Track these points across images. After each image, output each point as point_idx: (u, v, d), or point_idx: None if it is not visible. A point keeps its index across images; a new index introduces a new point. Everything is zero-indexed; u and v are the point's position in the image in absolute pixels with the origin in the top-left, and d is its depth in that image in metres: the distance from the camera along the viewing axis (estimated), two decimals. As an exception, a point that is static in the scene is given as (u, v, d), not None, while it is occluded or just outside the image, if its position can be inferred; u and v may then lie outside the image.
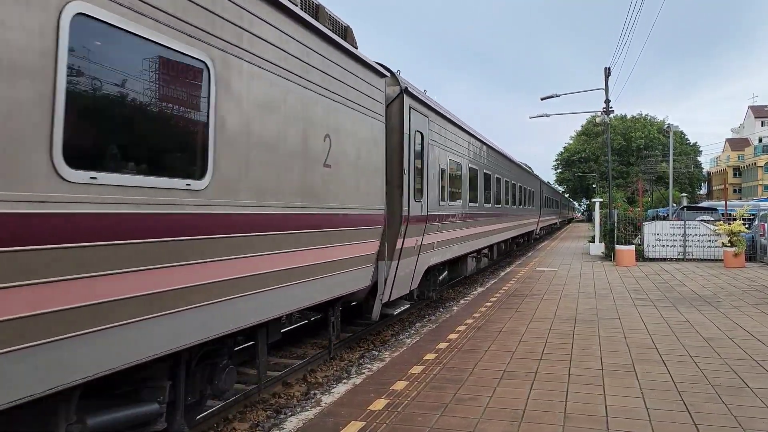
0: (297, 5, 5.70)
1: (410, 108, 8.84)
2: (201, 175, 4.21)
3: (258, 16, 4.93)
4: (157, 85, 3.84)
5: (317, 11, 6.49)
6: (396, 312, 9.17)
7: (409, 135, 8.77)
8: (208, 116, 4.29)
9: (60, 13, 3.09)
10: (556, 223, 49.22)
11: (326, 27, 6.41)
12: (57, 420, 3.45)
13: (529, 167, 28.97)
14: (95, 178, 3.31)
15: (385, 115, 8.25)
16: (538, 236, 33.65)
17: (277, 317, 5.58)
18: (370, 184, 7.60)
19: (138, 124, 3.74)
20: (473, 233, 13.87)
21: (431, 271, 11.01)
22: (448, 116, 11.67)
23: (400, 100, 8.55)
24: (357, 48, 7.46)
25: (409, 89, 8.88)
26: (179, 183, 3.97)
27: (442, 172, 10.90)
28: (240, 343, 5.49)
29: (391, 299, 8.55)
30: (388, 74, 8.41)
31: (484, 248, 16.32)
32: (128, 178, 3.56)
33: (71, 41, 3.15)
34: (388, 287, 8.34)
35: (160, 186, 3.79)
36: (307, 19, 5.73)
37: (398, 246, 8.46)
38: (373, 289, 8.10)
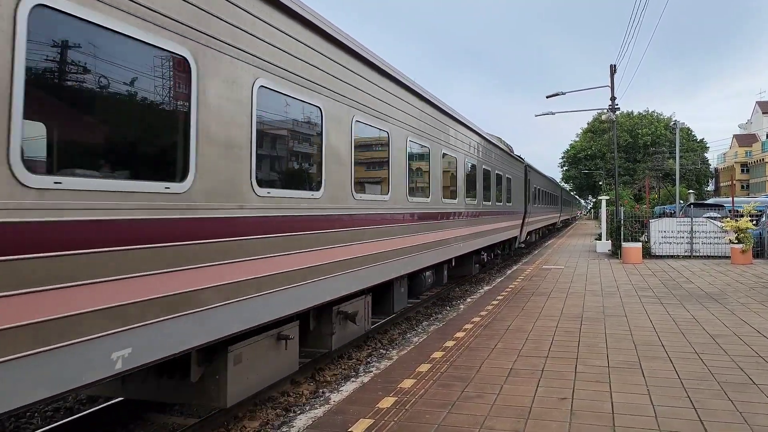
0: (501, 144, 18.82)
1: (526, 171, 23.63)
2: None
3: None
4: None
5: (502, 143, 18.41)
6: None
7: (528, 180, 23.90)
8: None
9: None
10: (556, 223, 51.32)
11: (504, 146, 18.82)
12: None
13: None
14: None
15: (524, 173, 22.82)
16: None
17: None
18: (520, 198, 21.46)
19: None
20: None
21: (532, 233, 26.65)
22: (540, 171, 30.06)
23: (525, 169, 23.35)
24: (512, 149, 20.62)
25: (528, 165, 24.26)
26: None
27: (538, 191, 28.06)
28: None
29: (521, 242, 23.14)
30: (524, 162, 23.14)
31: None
32: None
33: None
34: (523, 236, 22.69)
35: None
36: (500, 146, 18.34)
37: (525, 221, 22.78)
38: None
